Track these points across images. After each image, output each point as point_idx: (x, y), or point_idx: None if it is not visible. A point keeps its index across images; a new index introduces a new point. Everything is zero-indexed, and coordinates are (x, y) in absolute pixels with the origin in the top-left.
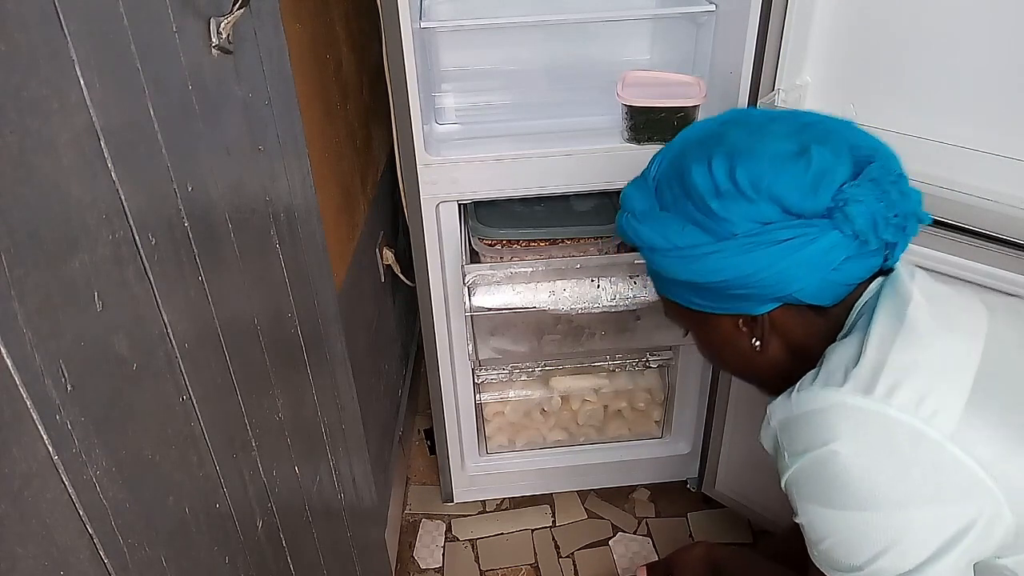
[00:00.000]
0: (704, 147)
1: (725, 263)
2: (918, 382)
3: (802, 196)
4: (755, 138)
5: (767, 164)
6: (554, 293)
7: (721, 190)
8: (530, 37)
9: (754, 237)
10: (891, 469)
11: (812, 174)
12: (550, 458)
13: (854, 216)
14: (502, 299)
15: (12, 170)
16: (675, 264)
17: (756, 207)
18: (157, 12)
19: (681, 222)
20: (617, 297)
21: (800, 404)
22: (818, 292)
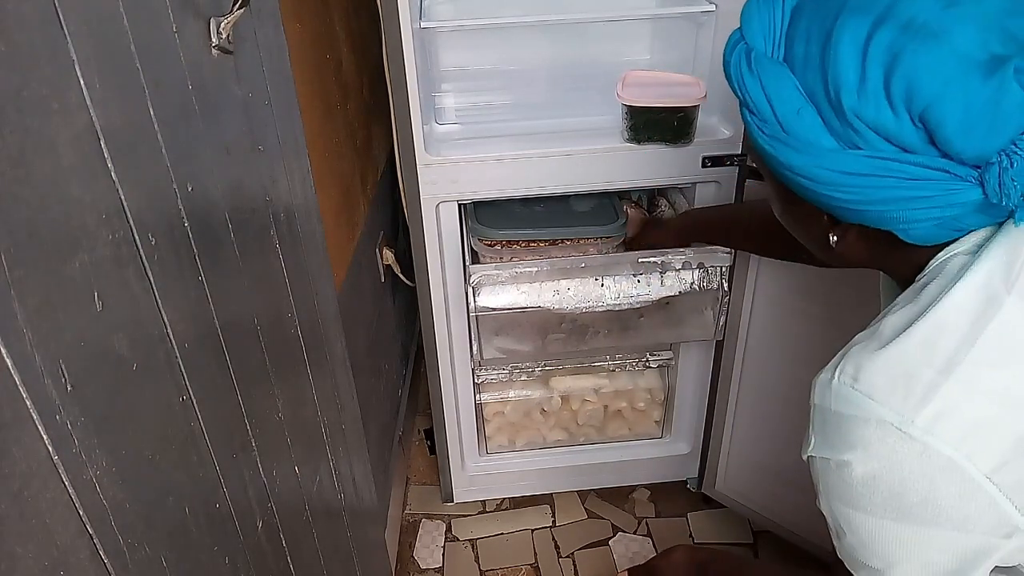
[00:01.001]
0: (874, 8)
1: (834, 178)
2: (969, 416)
3: (965, 134)
4: (948, 15)
5: (942, 72)
6: (558, 292)
7: (867, 86)
8: (530, 37)
9: (881, 162)
10: (919, 493)
11: (993, 108)
12: (550, 458)
13: (1010, 185)
14: (507, 299)
15: (12, 170)
16: (774, 146)
17: (900, 126)
18: (157, 12)
19: (801, 98)
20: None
21: (838, 402)
22: (924, 236)
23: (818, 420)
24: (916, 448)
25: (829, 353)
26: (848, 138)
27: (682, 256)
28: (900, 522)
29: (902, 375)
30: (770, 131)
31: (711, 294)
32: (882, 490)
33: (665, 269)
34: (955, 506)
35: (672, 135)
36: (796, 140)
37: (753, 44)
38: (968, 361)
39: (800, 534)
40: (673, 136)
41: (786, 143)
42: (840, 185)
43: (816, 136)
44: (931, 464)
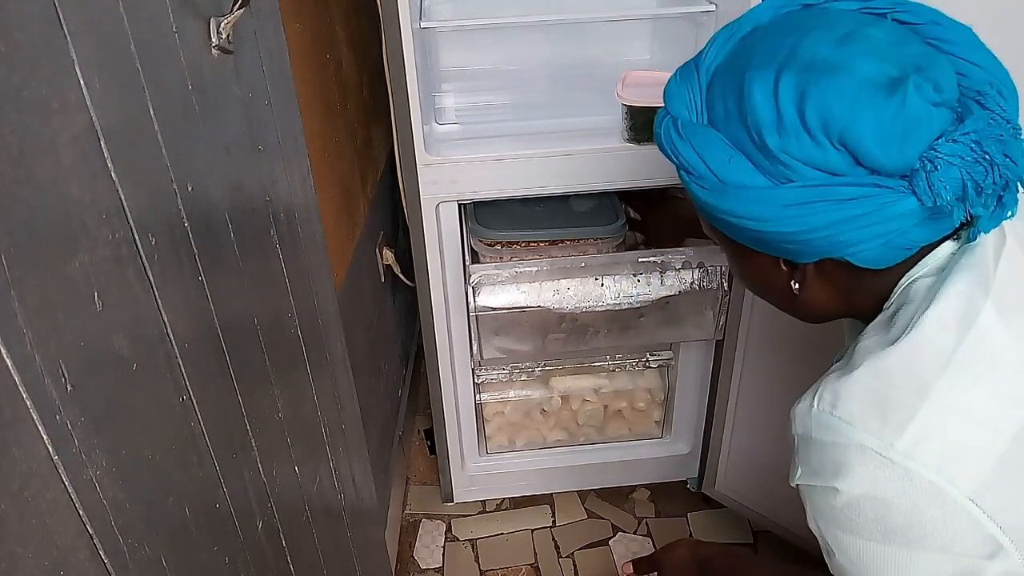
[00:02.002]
0: (775, 54)
1: (774, 213)
2: (950, 437)
3: (883, 148)
4: (842, 52)
5: (848, 98)
6: (558, 292)
7: (785, 123)
8: (530, 37)
9: (814, 189)
10: (904, 516)
11: (902, 121)
12: (550, 458)
13: (939, 186)
14: (507, 299)
15: (12, 170)
16: (715, 198)
17: (823, 153)
18: (157, 12)
19: (729, 149)
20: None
21: (818, 430)
22: (875, 257)
23: (801, 448)
24: (898, 472)
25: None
26: (780, 174)
27: (682, 256)
28: (886, 544)
29: (880, 400)
30: (708, 185)
31: (711, 294)
32: (867, 514)
33: (665, 269)
34: (939, 529)
35: None
36: (733, 187)
37: (678, 115)
38: (944, 383)
39: (800, 534)
40: None
41: (724, 192)
42: (782, 219)
43: (749, 179)
44: (913, 488)
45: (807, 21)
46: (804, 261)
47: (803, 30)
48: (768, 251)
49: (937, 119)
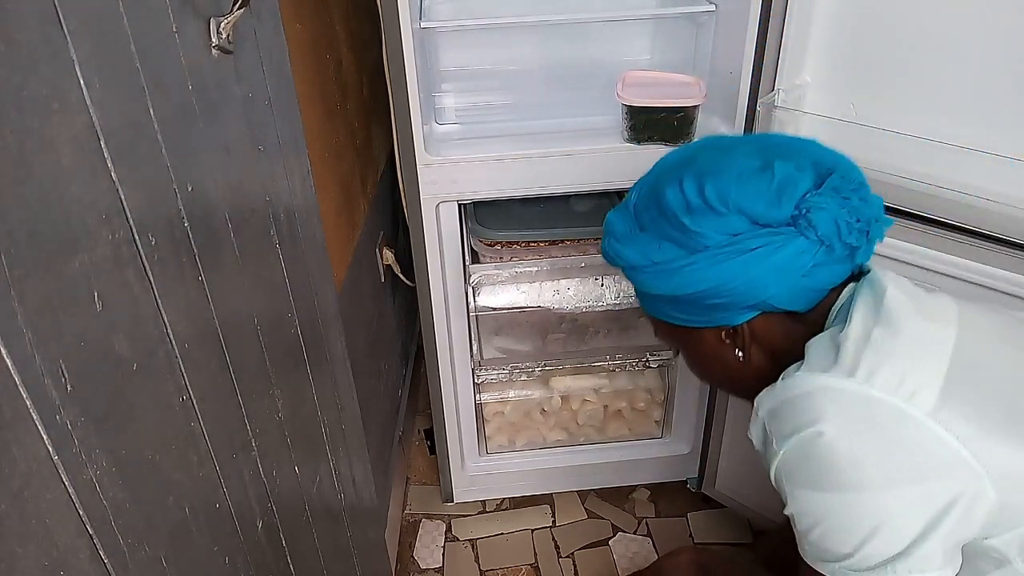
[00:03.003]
0: (676, 170)
1: (699, 274)
2: (897, 364)
3: (767, 206)
4: (722, 157)
5: (733, 180)
6: (558, 292)
7: (692, 206)
8: (530, 37)
9: (725, 248)
10: (875, 448)
11: (776, 185)
12: (550, 458)
13: (817, 222)
14: (507, 299)
15: (12, 170)
16: (654, 279)
17: (725, 220)
18: (157, 12)
19: (657, 240)
20: (620, 295)
21: (786, 390)
22: (791, 298)
23: (773, 426)
24: (861, 401)
25: None
26: (698, 244)
27: None
28: (862, 491)
29: (831, 347)
30: (649, 271)
31: None
32: (842, 457)
33: None
34: (908, 456)
35: (672, 135)
36: (664, 265)
37: (617, 231)
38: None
39: None
40: (673, 136)
41: (660, 271)
42: (707, 278)
43: (675, 254)
44: (878, 416)
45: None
46: (738, 322)
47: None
48: (707, 322)
49: (802, 180)
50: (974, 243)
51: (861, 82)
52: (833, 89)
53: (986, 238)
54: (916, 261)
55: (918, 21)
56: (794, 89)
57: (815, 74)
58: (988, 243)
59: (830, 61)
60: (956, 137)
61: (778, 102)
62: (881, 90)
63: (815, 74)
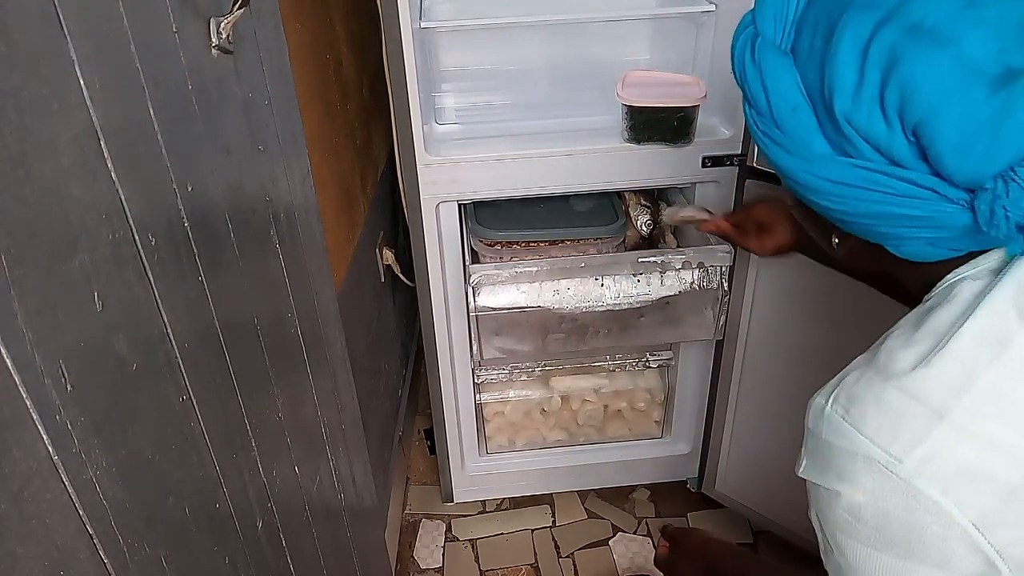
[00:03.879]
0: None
1: (819, 184)
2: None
3: (959, 154)
4: (964, 17)
5: (942, 80)
6: (558, 292)
7: (863, 89)
8: (530, 37)
9: (869, 173)
10: (903, 529)
11: (995, 128)
12: (550, 458)
13: (1001, 214)
14: (507, 299)
15: (12, 170)
16: (765, 142)
17: (891, 136)
18: (157, 12)
19: (798, 95)
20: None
21: (829, 432)
22: (917, 253)
23: (810, 444)
24: (902, 488)
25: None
26: (839, 144)
27: (682, 256)
28: (884, 552)
29: (895, 413)
30: (764, 127)
31: (711, 294)
32: (867, 521)
33: (665, 269)
34: (937, 546)
35: (672, 135)
36: (789, 140)
37: (762, 29)
38: (965, 406)
39: (800, 534)
40: (673, 136)
41: (779, 142)
42: (827, 193)
43: (809, 138)
44: (916, 504)
45: None
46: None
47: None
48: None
49: None
50: None
51: None
52: None
53: None
54: None
55: None
56: None
57: None
58: None
59: None
60: None
61: None
62: None
63: None
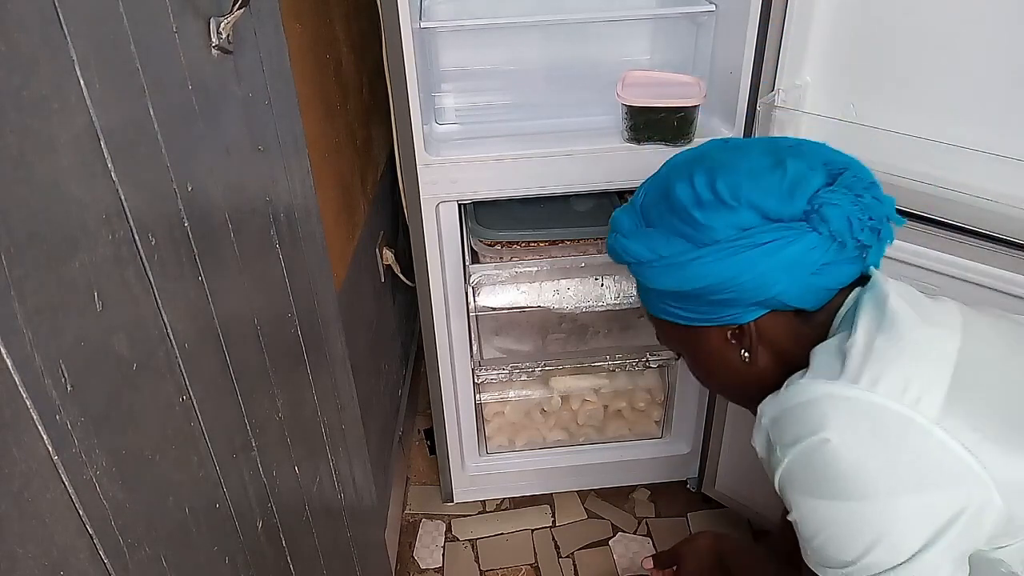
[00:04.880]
0: (687, 166)
1: (708, 268)
2: (902, 370)
3: (779, 202)
4: (734, 155)
5: (745, 175)
6: (558, 292)
7: (703, 200)
8: (530, 37)
9: (735, 242)
10: (880, 456)
11: (788, 181)
12: (550, 458)
13: (830, 218)
14: (507, 299)
15: (12, 170)
16: (661, 274)
17: (736, 214)
18: (157, 12)
19: (666, 235)
20: (621, 295)
21: (790, 397)
22: (800, 295)
23: (775, 433)
24: (865, 409)
25: None
26: (708, 238)
27: None
28: (865, 500)
29: (836, 355)
30: (656, 266)
31: None
32: (847, 465)
33: None
34: (914, 464)
35: (672, 135)
36: (671, 259)
37: (623, 228)
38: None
39: None
40: (673, 136)
41: (667, 265)
42: (716, 272)
43: (685, 249)
44: (883, 423)
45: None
46: (745, 320)
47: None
48: (713, 321)
49: (815, 177)
50: (974, 243)
51: (861, 82)
52: (833, 89)
53: (986, 238)
54: (916, 261)
55: (918, 21)
56: (794, 89)
57: (815, 74)
58: (988, 243)
59: (830, 61)
60: (956, 137)
61: (778, 102)
62: (881, 90)
63: (815, 74)
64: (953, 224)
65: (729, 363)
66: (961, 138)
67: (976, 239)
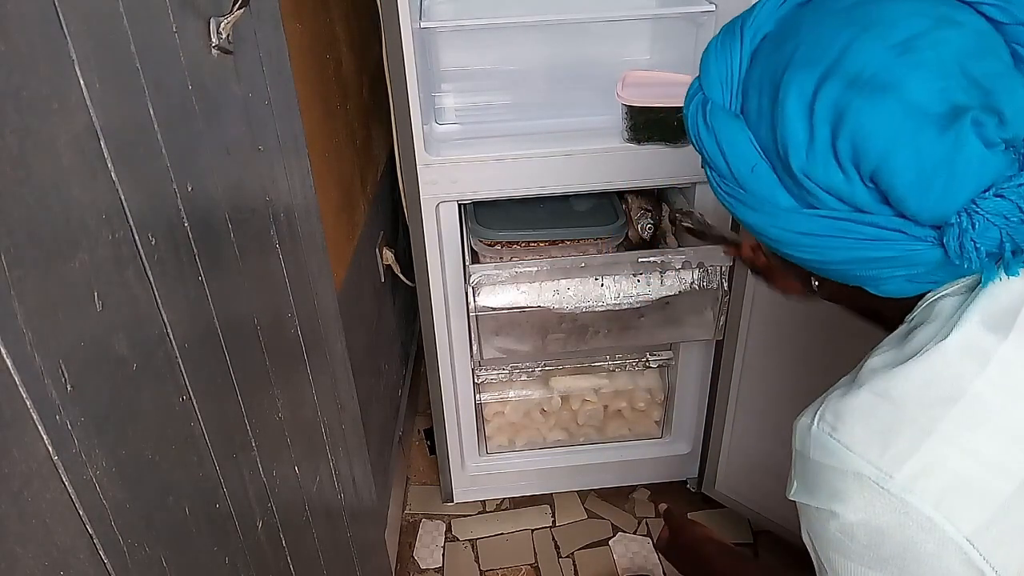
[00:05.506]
0: (826, 50)
1: (790, 238)
2: (954, 474)
3: (918, 195)
4: (900, 63)
5: (890, 127)
6: (558, 292)
7: (815, 145)
8: (530, 37)
9: (835, 222)
10: (897, 546)
11: (948, 166)
12: (550, 458)
13: (971, 247)
14: (507, 299)
15: (12, 170)
16: (730, 202)
17: (851, 186)
18: (157, 12)
19: (756, 155)
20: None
21: (816, 451)
22: (897, 291)
23: (799, 465)
24: (894, 504)
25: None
26: (802, 197)
27: (682, 256)
28: (878, 571)
29: (882, 428)
30: (727, 188)
31: (711, 294)
32: (861, 540)
33: (665, 269)
34: (932, 564)
35: (672, 135)
36: (753, 198)
37: (710, 95)
38: (954, 417)
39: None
40: (673, 136)
41: (743, 201)
42: (798, 245)
43: (772, 194)
44: (909, 521)
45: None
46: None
47: (864, 23)
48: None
49: (990, 166)
50: None
51: None
52: None
53: None
54: None
55: None
56: None
57: None
58: None
59: None
60: None
61: None
62: None
63: None
64: None
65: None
66: None
67: None
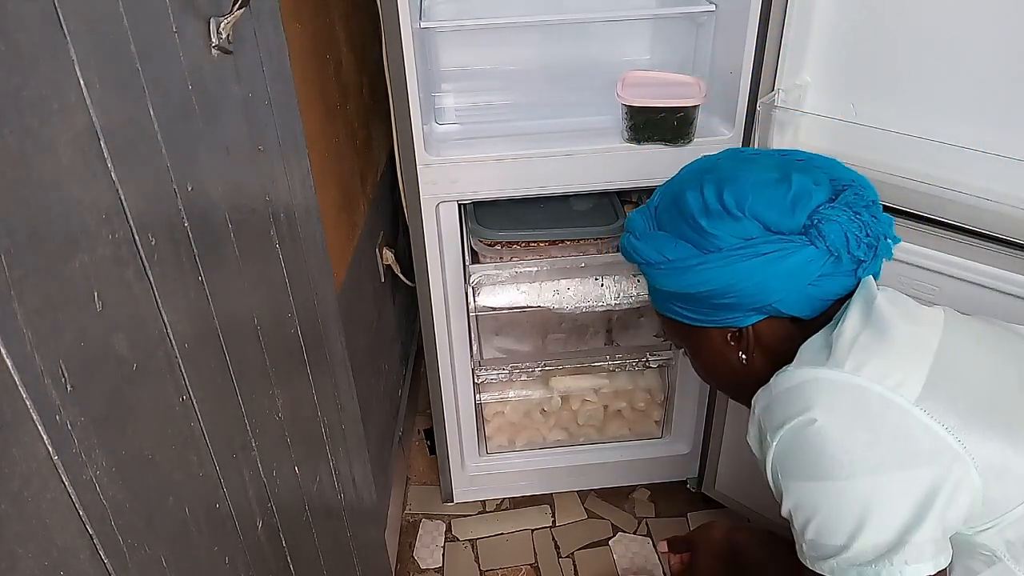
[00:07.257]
0: (698, 175)
1: (711, 274)
2: (883, 359)
3: (781, 215)
4: (743, 167)
5: (751, 188)
6: (558, 292)
7: (710, 209)
8: (530, 37)
9: (737, 251)
10: (864, 435)
11: (791, 196)
12: (550, 458)
13: (828, 233)
14: (506, 299)
15: (12, 170)
16: (668, 276)
17: (740, 224)
18: (157, 12)
19: (674, 239)
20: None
21: (778, 384)
22: (796, 304)
23: (765, 421)
24: (848, 391)
25: None
26: (712, 245)
27: None
28: (851, 478)
29: (822, 346)
30: (663, 268)
31: None
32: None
33: None
34: (895, 441)
35: (672, 135)
36: (678, 263)
37: (636, 228)
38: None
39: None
40: (673, 136)
41: (673, 268)
42: (718, 277)
43: (690, 254)
44: (865, 403)
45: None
46: (744, 324)
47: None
48: (715, 322)
49: (818, 193)
50: (974, 243)
51: (861, 82)
52: (833, 89)
53: (986, 238)
54: (916, 261)
55: (918, 21)
56: (794, 89)
57: (815, 74)
58: (988, 243)
59: (830, 61)
60: (956, 137)
61: (778, 102)
62: (881, 90)
63: (815, 74)
64: (953, 224)
65: (728, 362)
66: (961, 138)
67: (976, 239)
